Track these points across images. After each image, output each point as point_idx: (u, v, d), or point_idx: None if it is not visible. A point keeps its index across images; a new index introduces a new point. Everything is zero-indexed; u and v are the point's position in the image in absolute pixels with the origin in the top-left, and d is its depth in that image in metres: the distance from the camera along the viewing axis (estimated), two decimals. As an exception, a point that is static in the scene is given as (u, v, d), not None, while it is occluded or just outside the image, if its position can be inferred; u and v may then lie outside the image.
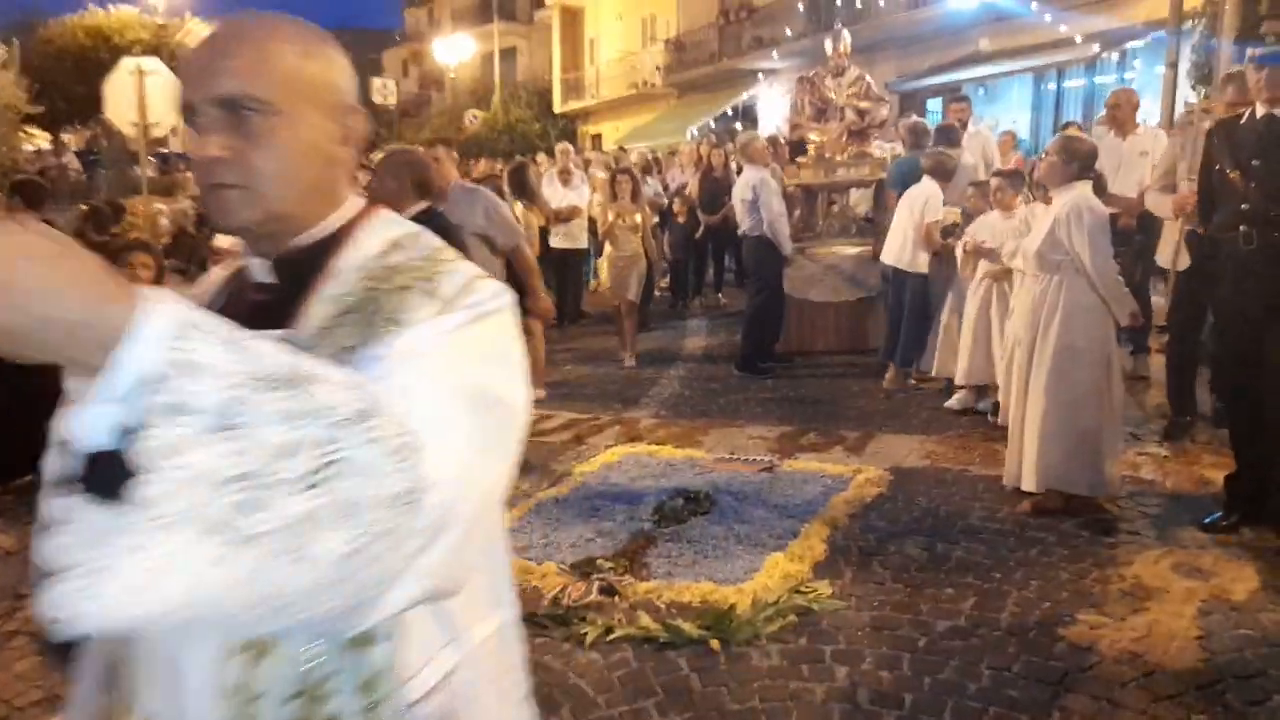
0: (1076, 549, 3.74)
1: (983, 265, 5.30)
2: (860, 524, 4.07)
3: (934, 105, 16.20)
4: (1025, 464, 4.13)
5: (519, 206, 7.59)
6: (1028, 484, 4.11)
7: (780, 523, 4.07)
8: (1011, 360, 4.43)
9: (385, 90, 30.63)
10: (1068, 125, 11.65)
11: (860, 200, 8.46)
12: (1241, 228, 3.66)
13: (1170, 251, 5.02)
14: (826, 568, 3.65)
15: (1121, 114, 5.96)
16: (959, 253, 5.50)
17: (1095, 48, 13.79)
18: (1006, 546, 3.79)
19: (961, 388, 5.66)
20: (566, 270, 9.26)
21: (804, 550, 3.74)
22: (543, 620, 3.24)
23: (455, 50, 31.03)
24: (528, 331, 5.14)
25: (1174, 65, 11.10)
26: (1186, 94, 11.12)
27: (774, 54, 20.50)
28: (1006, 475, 4.31)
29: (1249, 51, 5.21)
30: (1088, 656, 2.94)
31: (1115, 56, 14.23)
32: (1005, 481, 4.32)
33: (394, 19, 48.39)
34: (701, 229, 9.96)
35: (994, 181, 5.38)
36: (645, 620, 3.22)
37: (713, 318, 9.76)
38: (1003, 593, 3.40)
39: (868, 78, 8.41)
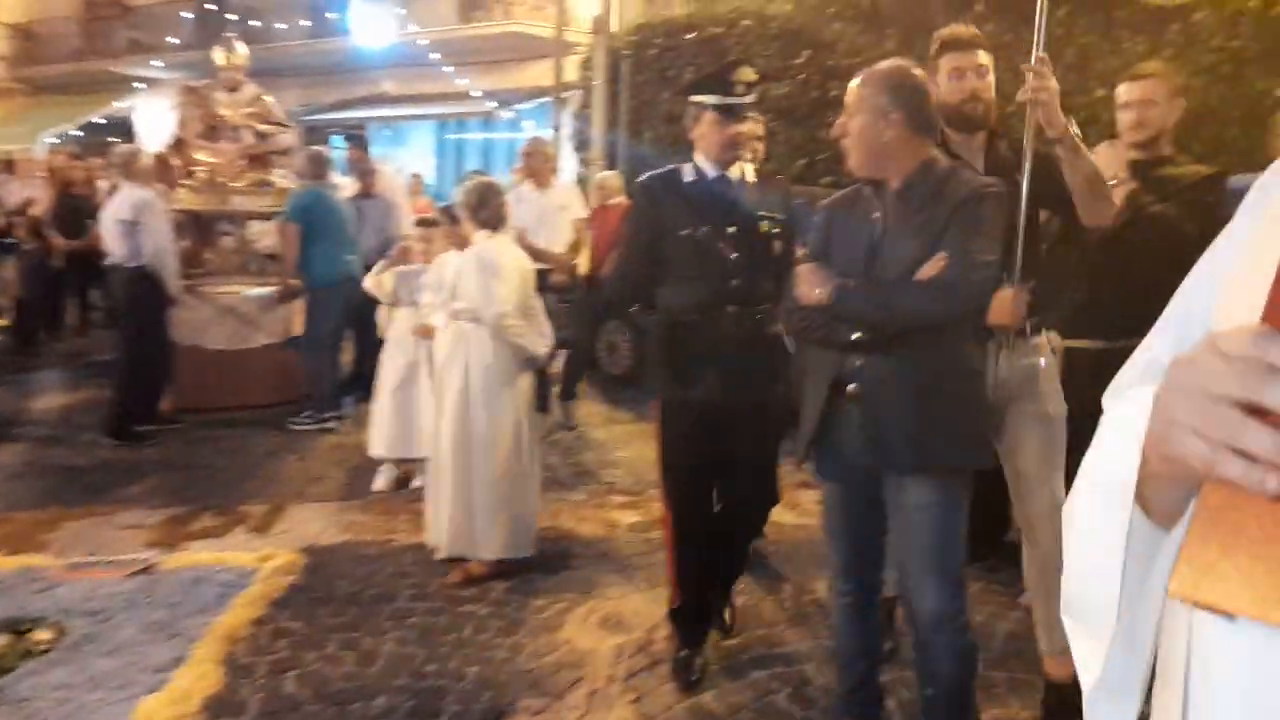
0: (510, 619, 3.50)
1: (403, 319, 4.91)
2: (269, 630, 3.33)
3: (340, 141, 15.78)
4: (445, 530, 3.84)
5: None
6: (448, 550, 3.82)
7: (159, 648, 3.13)
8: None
9: None
10: (471, 174, 12.20)
11: (262, 233, 7.55)
12: (728, 308, 2.86)
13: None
14: (224, 703, 2.84)
15: (535, 163, 6.06)
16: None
17: (492, 104, 14.73)
18: (439, 629, 3.40)
19: (387, 462, 5.03)
20: None
21: (192, 684, 2.88)
22: None
23: None
24: None
25: (558, 129, 12.30)
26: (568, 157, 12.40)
27: (156, 62, 18.13)
28: (432, 550, 3.95)
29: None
30: (535, 755, 2.65)
31: (510, 114, 15.38)
32: (431, 555, 3.95)
33: None
34: (59, 258, 8.04)
35: (413, 230, 5.02)
36: None
37: (74, 369, 7.91)
38: (440, 691, 2.98)
39: (269, 98, 7.58)
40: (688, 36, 10.49)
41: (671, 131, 10.70)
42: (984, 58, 2.73)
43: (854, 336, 2.19)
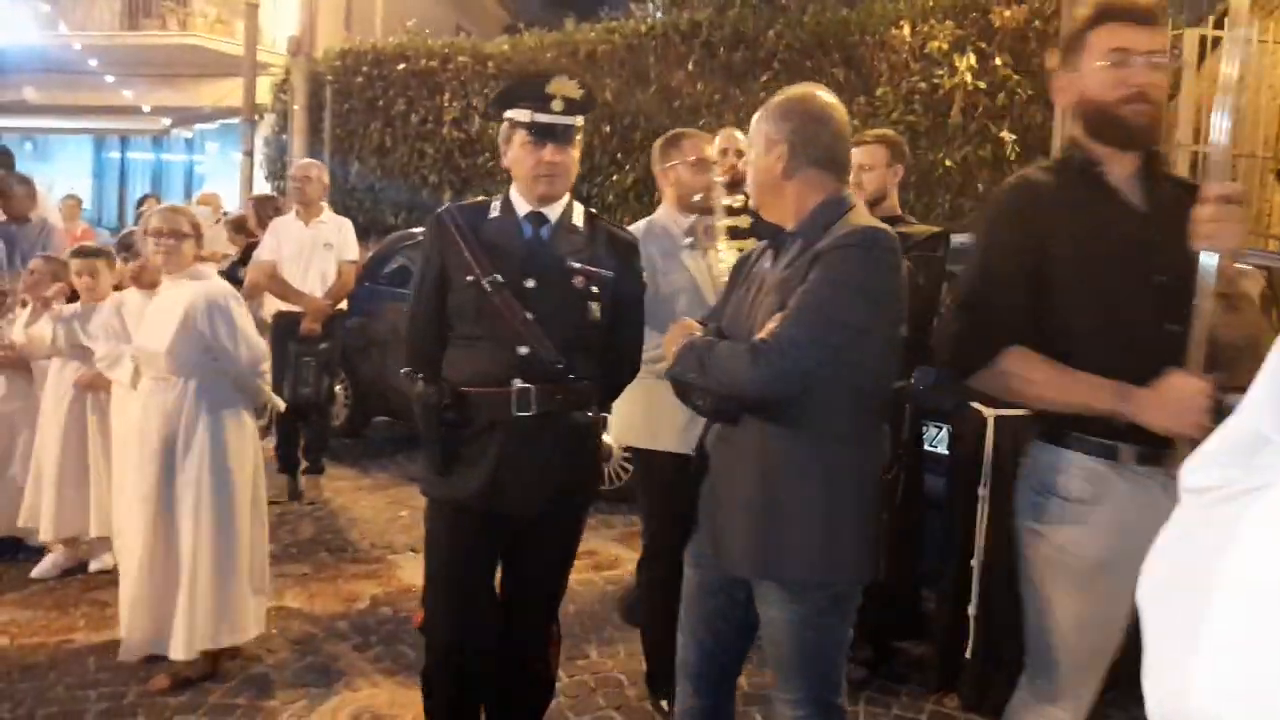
0: (238, 728, 2.92)
1: (60, 373, 4.05)
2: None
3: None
4: (142, 622, 3.15)
5: None
6: (181, 651, 3.13)
7: None
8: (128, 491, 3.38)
9: None
10: (145, 199, 10.74)
11: None
12: (516, 383, 2.22)
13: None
14: None
15: (312, 192, 5.26)
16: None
17: (166, 122, 13.16)
18: (147, 754, 2.75)
19: (54, 545, 4.08)
20: None
21: None
22: None
23: None
24: None
25: (250, 154, 11.23)
26: (261, 183, 11.35)
27: None
28: (126, 649, 3.20)
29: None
30: None
31: (189, 134, 13.83)
32: (123, 656, 3.21)
33: None
34: None
35: (75, 263, 4.14)
36: None
37: None
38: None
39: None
40: (399, 67, 10.07)
41: (383, 163, 10.19)
42: (1160, 39, 1.82)
43: (698, 404, 1.88)
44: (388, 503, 5.23)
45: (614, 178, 8.55)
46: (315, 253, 5.23)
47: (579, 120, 2.25)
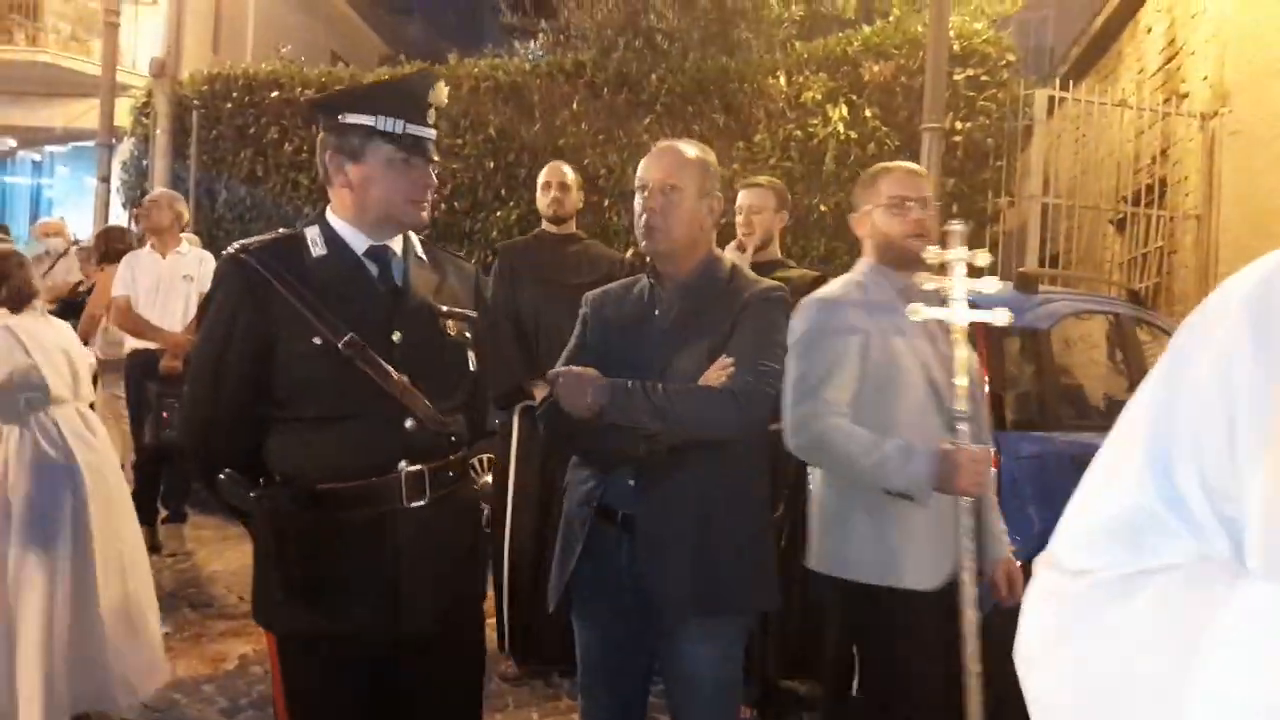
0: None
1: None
2: None
3: None
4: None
5: None
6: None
7: None
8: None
9: None
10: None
11: None
12: (403, 466, 1.79)
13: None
14: None
15: (159, 219, 4.95)
16: None
17: (12, 143, 12.29)
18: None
19: None
20: None
21: None
22: None
23: None
24: None
25: (106, 179, 10.60)
26: (118, 211, 10.73)
27: None
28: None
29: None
30: None
31: (37, 157, 12.96)
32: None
33: None
34: None
35: None
36: None
37: None
38: None
39: None
40: (272, 95, 9.72)
41: (253, 193, 9.78)
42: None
43: (637, 449, 1.88)
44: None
45: (498, 213, 8.48)
46: (174, 286, 4.98)
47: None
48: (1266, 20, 6.34)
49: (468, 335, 1.92)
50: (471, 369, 1.92)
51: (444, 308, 1.88)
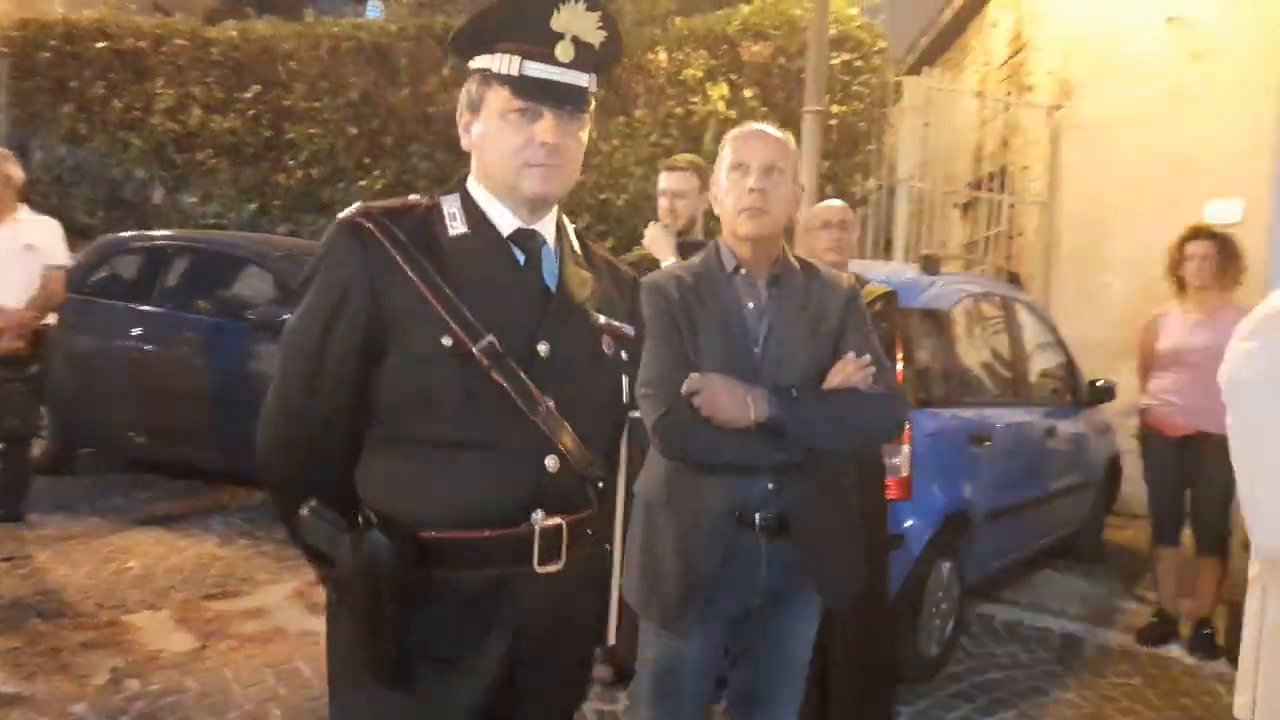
0: None
1: None
2: None
3: None
4: None
5: None
6: None
7: None
8: None
9: None
10: None
11: None
12: (538, 518, 1.36)
13: None
14: None
15: None
16: None
17: None
18: None
19: None
20: None
21: None
22: None
23: None
24: None
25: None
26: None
27: None
28: None
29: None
30: None
31: None
32: None
33: None
34: None
35: None
36: None
37: None
38: None
39: None
40: (98, 45, 8.81)
41: (75, 153, 8.85)
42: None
43: (781, 458, 1.84)
44: (109, 552, 4.47)
45: (361, 183, 8.03)
46: (13, 258, 4.42)
47: (593, 82, 1.37)
48: (1106, 20, 6.82)
49: (624, 357, 1.47)
50: (625, 400, 1.49)
51: (601, 319, 1.44)
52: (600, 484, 1.44)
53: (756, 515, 1.86)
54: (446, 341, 1.29)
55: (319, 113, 8.24)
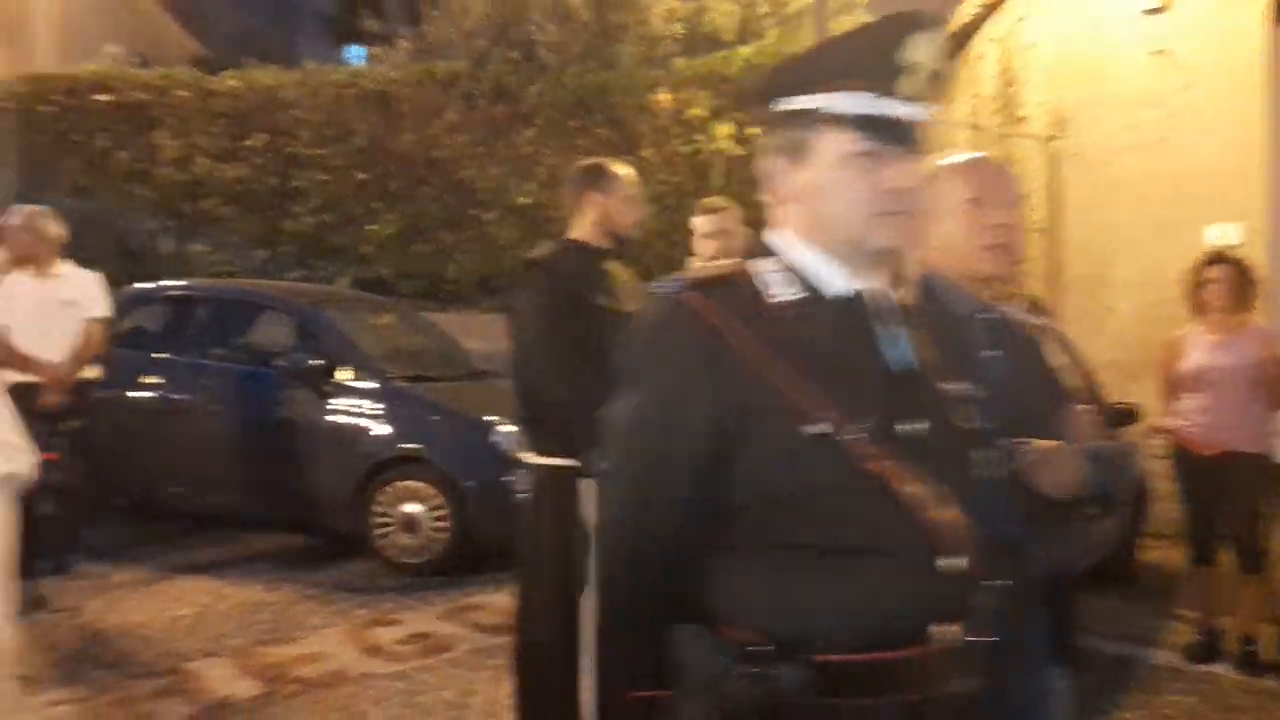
0: None
1: None
2: None
3: None
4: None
5: None
6: None
7: None
8: None
9: None
10: None
11: None
12: (937, 631, 1.15)
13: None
14: None
15: (29, 243, 4.45)
16: None
17: None
18: None
19: None
20: None
21: None
22: None
23: None
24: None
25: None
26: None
27: None
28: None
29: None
30: None
31: None
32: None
33: None
34: None
35: None
36: None
37: None
38: None
39: None
40: (100, 98, 8.88)
41: (84, 206, 8.87)
42: None
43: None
44: (159, 601, 4.49)
45: (369, 227, 8.13)
46: (53, 313, 4.49)
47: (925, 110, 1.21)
48: (1092, 54, 7.09)
49: (991, 428, 1.25)
50: (1006, 479, 1.30)
51: (958, 386, 1.22)
52: (1012, 581, 1.23)
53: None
54: (810, 429, 1.11)
55: (325, 159, 8.35)
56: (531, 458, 2.86)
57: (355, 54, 17.45)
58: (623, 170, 2.98)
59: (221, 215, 8.55)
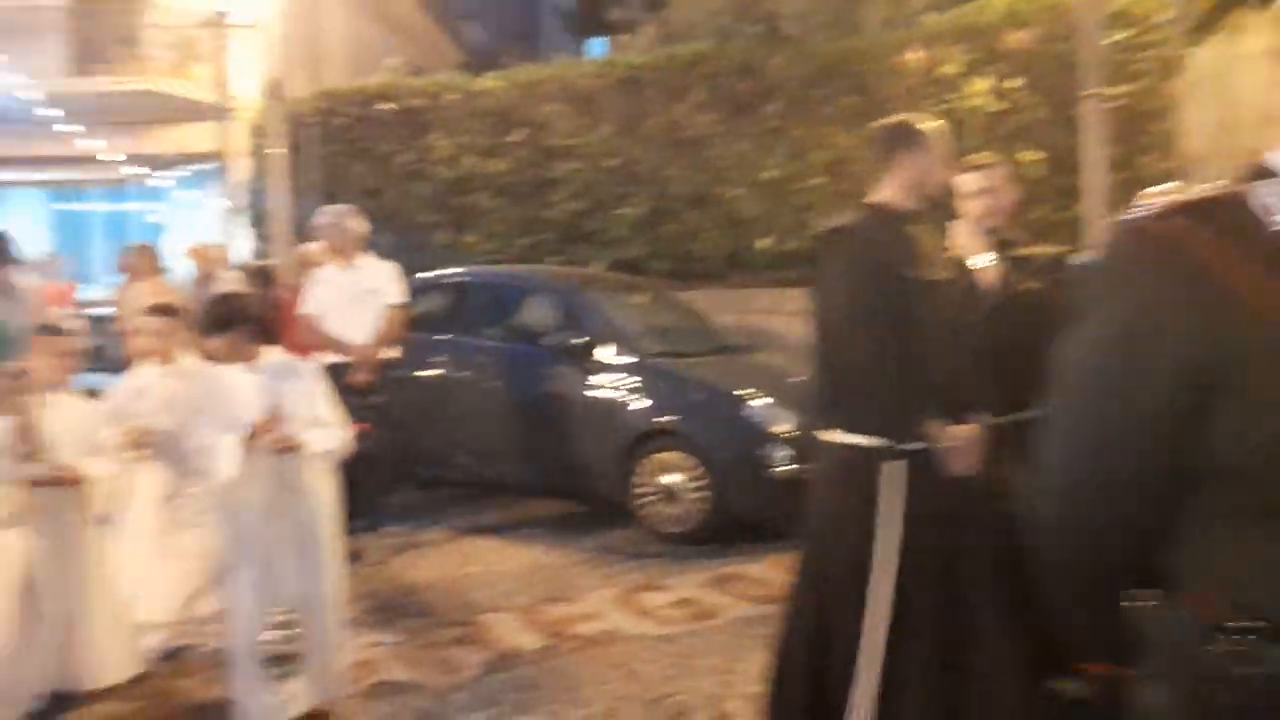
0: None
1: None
2: None
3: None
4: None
5: None
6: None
7: None
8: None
9: None
10: (136, 248, 10.25)
11: None
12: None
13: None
14: None
15: (336, 239, 5.12)
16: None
17: (130, 170, 12.70)
18: None
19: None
20: None
21: None
22: None
23: None
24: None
25: (232, 204, 10.88)
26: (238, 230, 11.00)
27: None
28: None
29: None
30: None
31: (158, 182, 13.37)
32: None
33: None
34: None
35: (150, 322, 3.84)
36: None
37: None
38: None
39: None
40: (382, 107, 9.85)
41: (372, 205, 9.92)
42: None
43: None
44: (455, 559, 4.99)
45: (616, 211, 8.47)
46: (357, 300, 5.07)
47: None
48: None
49: None
50: None
51: None
52: None
53: None
54: None
55: (578, 149, 8.77)
56: (831, 435, 2.65)
57: (597, 45, 18.19)
58: (931, 125, 2.76)
59: (488, 207, 9.21)
